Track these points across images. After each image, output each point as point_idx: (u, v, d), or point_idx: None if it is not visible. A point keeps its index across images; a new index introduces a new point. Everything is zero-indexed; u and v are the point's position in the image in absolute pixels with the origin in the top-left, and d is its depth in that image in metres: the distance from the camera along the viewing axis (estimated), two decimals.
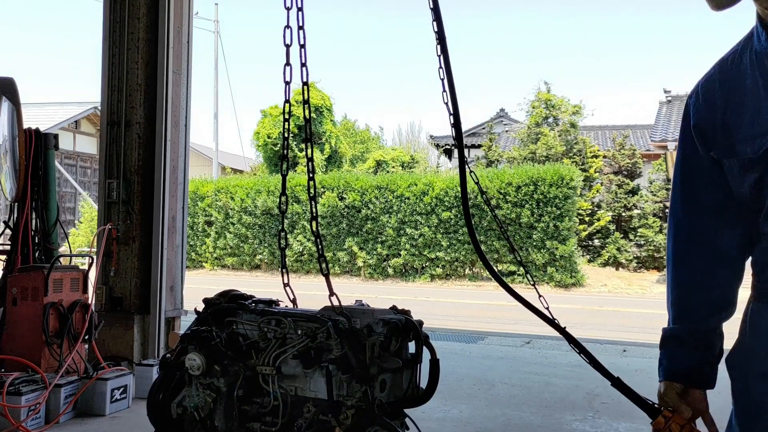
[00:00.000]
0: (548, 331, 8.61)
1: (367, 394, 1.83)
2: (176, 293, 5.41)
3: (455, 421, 4.23)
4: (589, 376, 5.74)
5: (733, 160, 1.31)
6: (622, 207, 19.77)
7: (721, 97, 1.33)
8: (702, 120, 1.38)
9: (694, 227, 1.47)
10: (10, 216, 4.69)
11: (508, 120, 30.71)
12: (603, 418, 4.39)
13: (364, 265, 17.50)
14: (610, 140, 23.53)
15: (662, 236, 18.80)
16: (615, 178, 20.27)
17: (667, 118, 18.45)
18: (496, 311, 11.94)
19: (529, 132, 21.61)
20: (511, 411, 4.52)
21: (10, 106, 4.50)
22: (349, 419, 1.83)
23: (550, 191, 15.83)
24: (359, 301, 2.11)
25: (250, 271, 18.81)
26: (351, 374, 1.83)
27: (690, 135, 1.42)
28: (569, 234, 15.96)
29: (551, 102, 21.62)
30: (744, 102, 1.28)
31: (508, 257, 16.35)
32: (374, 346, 1.86)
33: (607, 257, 19.13)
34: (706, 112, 1.37)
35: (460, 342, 7.54)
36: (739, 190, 1.33)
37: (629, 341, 8.27)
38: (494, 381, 5.42)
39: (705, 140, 1.38)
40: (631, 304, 13.34)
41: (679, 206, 1.50)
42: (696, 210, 1.46)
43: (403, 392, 1.97)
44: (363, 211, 17.45)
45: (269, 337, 1.98)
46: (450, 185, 16.77)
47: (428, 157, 31.64)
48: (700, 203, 1.44)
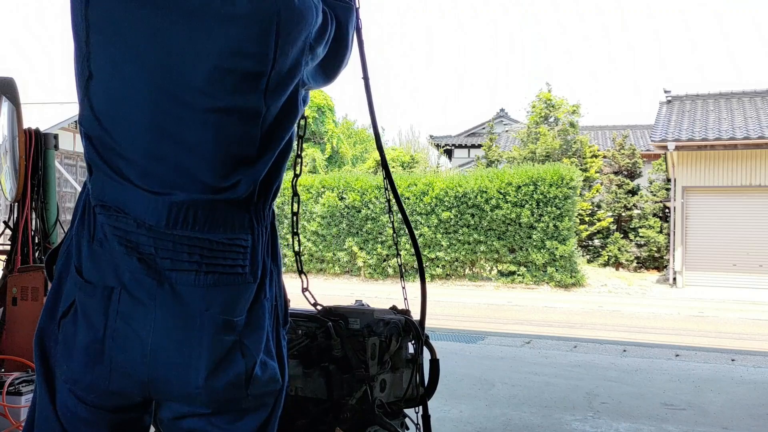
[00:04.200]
0: (548, 331, 8.64)
1: (367, 394, 1.83)
2: None
3: (455, 421, 4.23)
4: (589, 376, 5.74)
5: None
6: (622, 207, 19.77)
7: None
8: None
9: None
10: (10, 216, 4.68)
11: (508, 120, 30.71)
12: (603, 418, 4.39)
13: (364, 265, 17.50)
14: (610, 140, 23.52)
15: (662, 236, 18.79)
16: (615, 178, 20.26)
17: (667, 118, 18.42)
18: (496, 311, 11.94)
19: (529, 132, 21.61)
20: (511, 411, 4.52)
21: (10, 106, 4.49)
22: (349, 419, 1.83)
23: (550, 191, 15.82)
24: (359, 301, 2.12)
25: None
26: (351, 374, 1.83)
27: None
28: (569, 234, 15.95)
29: (551, 102, 21.63)
30: None
31: (508, 257, 16.35)
32: (374, 346, 1.86)
33: (607, 257, 19.12)
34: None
35: (460, 342, 7.54)
36: None
37: (629, 341, 8.27)
38: (494, 381, 5.42)
39: None
40: (631, 304, 13.34)
41: None
42: None
43: (403, 392, 1.97)
44: (363, 211, 17.45)
45: None
46: (450, 185, 16.76)
47: (428, 158, 31.63)
48: None
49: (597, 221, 19.62)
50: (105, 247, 1.20)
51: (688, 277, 16.75)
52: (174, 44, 1.16)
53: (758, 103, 18.17)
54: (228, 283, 1.21)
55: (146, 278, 1.17)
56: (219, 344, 1.19)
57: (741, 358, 6.79)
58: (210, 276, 1.20)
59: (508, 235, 16.28)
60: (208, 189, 1.21)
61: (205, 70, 1.17)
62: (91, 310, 1.19)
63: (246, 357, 1.22)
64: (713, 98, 19.21)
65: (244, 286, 1.24)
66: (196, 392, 1.20)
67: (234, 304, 1.22)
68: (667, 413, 4.55)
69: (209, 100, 1.18)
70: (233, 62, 1.17)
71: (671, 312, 12.18)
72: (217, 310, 1.20)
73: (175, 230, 1.19)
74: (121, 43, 1.17)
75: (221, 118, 1.19)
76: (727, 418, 4.47)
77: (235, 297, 1.22)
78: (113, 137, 1.21)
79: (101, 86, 1.20)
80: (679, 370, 6.09)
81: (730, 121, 17.32)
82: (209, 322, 1.19)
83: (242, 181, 1.24)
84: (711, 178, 17.16)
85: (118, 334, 1.17)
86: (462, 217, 16.58)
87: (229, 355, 1.20)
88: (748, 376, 5.81)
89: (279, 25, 1.20)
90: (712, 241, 16.81)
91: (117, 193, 1.21)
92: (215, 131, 1.19)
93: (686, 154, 17.17)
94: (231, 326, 1.21)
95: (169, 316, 1.18)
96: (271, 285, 1.31)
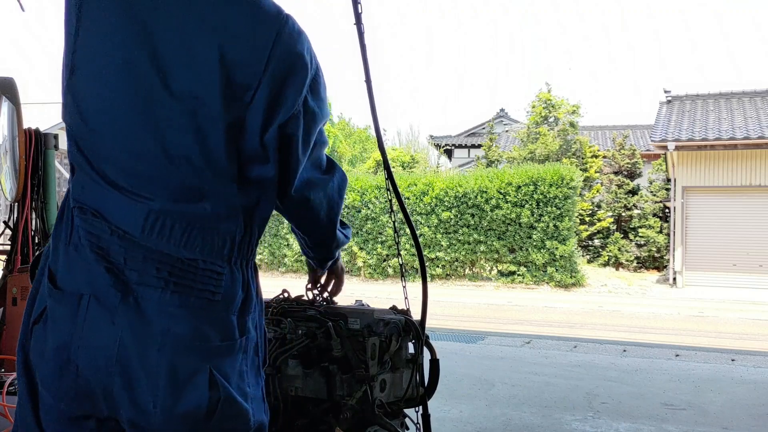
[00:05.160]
0: (548, 331, 8.62)
1: (367, 394, 1.83)
2: None
3: (455, 421, 4.23)
4: (589, 376, 5.74)
5: None
6: (622, 207, 19.77)
7: None
8: None
9: None
10: (10, 216, 4.68)
11: (508, 120, 30.72)
12: (603, 418, 4.39)
13: (364, 265, 17.50)
14: (610, 140, 23.53)
15: (662, 236, 18.79)
16: (615, 178, 20.26)
17: (667, 118, 18.42)
18: (496, 311, 11.94)
19: (529, 132, 21.62)
20: (511, 411, 4.52)
21: (10, 106, 4.49)
22: (349, 419, 1.82)
23: (550, 191, 15.82)
24: (359, 301, 2.11)
25: None
26: (351, 374, 1.83)
27: None
28: (569, 234, 15.95)
29: (551, 102, 21.63)
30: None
31: (508, 257, 16.35)
32: (374, 346, 1.86)
33: (607, 257, 19.13)
34: None
35: (460, 342, 7.54)
36: None
37: (629, 341, 8.27)
38: (494, 381, 5.42)
39: None
40: (631, 304, 13.34)
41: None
42: None
43: (403, 392, 1.97)
44: (363, 211, 17.46)
45: (269, 337, 1.98)
46: (450, 185, 16.76)
47: (428, 158, 31.64)
48: None
49: (597, 221, 19.62)
50: (80, 251, 1.16)
51: (688, 277, 16.75)
52: (163, 44, 1.14)
53: (758, 103, 18.17)
54: (195, 307, 1.15)
55: (111, 289, 1.13)
56: (181, 368, 1.12)
57: (741, 358, 6.79)
58: (176, 296, 1.13)
59: (508, 235, 16.28)
60: (186, 199, 1.16)
61: (194, 73, 1.14)
62: (60, 316, 1.16)
63: (212, 388, 1.14)
64: (713, 98, 19.21)
65: (214, 314, 1.16)
66: (151, 415, 1.13)
67: (201, 329, 1.14)
68: (667, 413, 4.55)
69: (193, 103, 1.14)
70: (222, 68, 1.14)
71: (671, 312, 12.18)
72: (182, 332, 1.13)
73: (150, 241, 1.14)
74: (109, 39, 1.15)
75: (204, 124, 1.15)
76: (727, 418, 4.47)
77: (203, 322, 1.15)
78: (96, 134, 1.18)
79: (86, 82, 1.18)
80: (679, 370, 6.09)
81: (730, 121, 17.32)
82: (171, 344, 1.12)
83: (221, 199, 1.18)
84: (711, 178, 17.16)
85: (84, 342, 1.13)
86: (462, 217, 16.58)
87: (192, 382, 1.13)
88: (748, 376, 5.81)
89: (276, 44, 1.17)
90: (712, 241, 16.81)
91: (96, 196, 1.18)
92: (196, 137, 1.15)
93: (686, 154, 17.17)
94: (196, 352, 1.14)
95: (132, 331, 1.12)
96: (252, 322, 1.24)
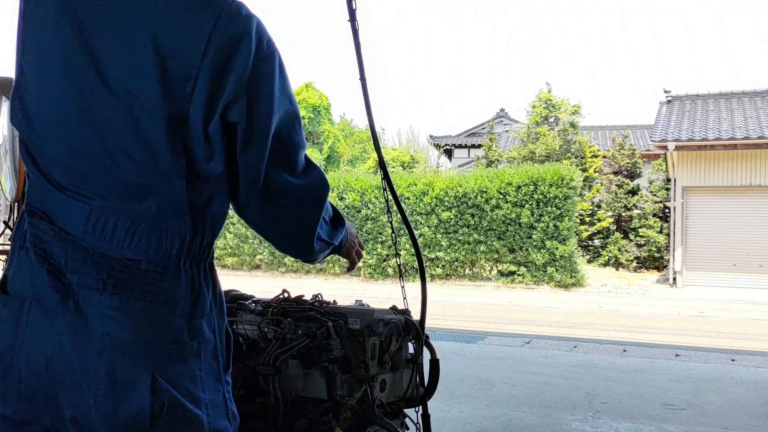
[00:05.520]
0: (548, 331, 8.62)
1: (367, 394, 1.83)
2: None
3: (455, 421, 4.23)
4: (589, 376, 5.74)
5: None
6: (622, 207, 19.77)
7: None
8: None
9: None
10: (10, 216, 4.68)
11: (508, 120, 30.74)
12: (603, 418, 4.39)
13: (364, 265, 17.50)
14: (610, 140, 23.54)
15: (662, 236, 18.79)
16: (615, 178, 20.27)
17: (667, 118, 18.42)
18: (496, 311, 11.94)
19: (529, 132, 21.62)
20: (511, 411, 4.52)
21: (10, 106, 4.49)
22: (349, 419, 1.82)
23: (550, 191, 15.82)
24: (359, 301, 2.11)
25: (250, 271, 18.82)
26: (351, 374, 1.83)
27: None
28: (569, 234, 15.96)
29: (551, 102, 21.64)
30: None
31: (508, 257, 16.36)
32: (374, 346, 1.86)
33: (607, 257, 19.13)
34: None
35: (460, 342, 7.54)
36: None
37: (629, 341, 8.27)
38: (494, 381, 5.42)
39: None
40: (631, 304, 13.34)
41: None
42: None
43: (403, 392, 1.97)
44: (363, 211, 17.46)
45: (269, 338, 1.98)
46: (450, 185, 16.77)
47: (428, 158, 31.67)
48: None
49: (597, 221, 19.62)
50: (28, 255, 1.16)
51: (688, 277, 16.75)
52: (98, 39, 1.12)
53: (758, 103, 18.17)
54: (137, 309, 1.12)
55: (51, 291, 1.11)
56: (122, 373, 1.10)
57: (741, 358, 6.79)
58: (116, 298, 1.11)
59: (508, 235, 16.29)
60: (129, 198, 1.14)
61: (129, 67, 1.11)
62: (4, 319, 1.14)
63: (155, 393, 1.11)
64: (713, 98, 19.21)
65: (158, 316, 1.13)
66: (94, 420, 1.10)
67: (143, 332, 1.12)
68: (667, 413, 4.55)
69: (130, 98, 1.11)
70: (157, 60, 1.11)
71: (671, 312, 12.18)
72: (122, 336, 1.10)
73: (91, 241, 1.12)
74: (49, 39, 1.14)
75: (143, 119, 1.12)
76: (727, 418, 4.47)
77: (145, 325, 1.12)
78: (41, 136, 1.17)
79: (32, 84, 1.17)
80: (679, 370, 6.09)
81: (730, 121, 17.32)
82: (110, 348, 1.09)
83: (167, 197, 1.15)
84: (711, 178, 17.17)
85: (25, 346, 1.12)
86: (462, 217, 16.58)
87: (133, 387, 1.10)
88: (748, 376, 5.81)
89: (215, 30, 1.12)
90: (712, 241, 16.82)
91: (43, 198, 1.17)
92: (136, 133, 1.12)
93: (686, 154, 17.17)
94: (138, 356, 1.11)
95: (71, 335, 1.10)
96: (207, 325, 1.20)
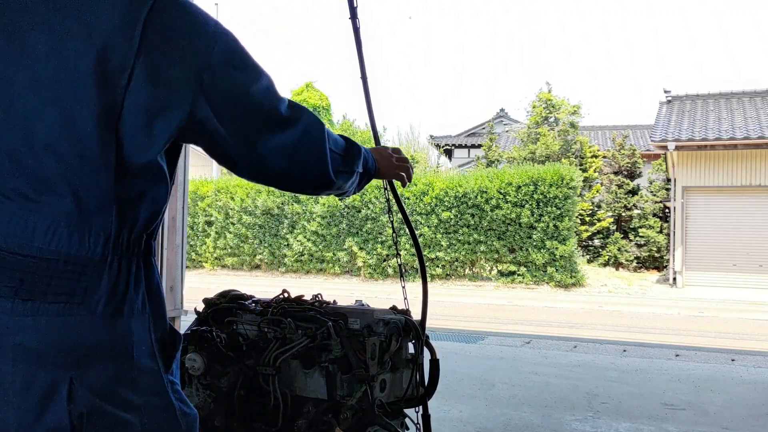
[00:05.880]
0: (548, 331, 8.61)
1: (367, 394, 1.83)
2: (176, 293, 5.41)
3: (455, 421, 4.23)
4: (589, 376, 5.74)
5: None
6: (622, 207, 19.78)
7: None
8: None
9: None
10: None
11: (508, 120, 30.74)
12: (603, 418, 4.39)
13: (364, 265, 17.50)
14: (610, 140, 23.54)
15: (662, 236, 18.79)
16: (615, 178, 20.27)
17: (667, 118, 18.42)
18: (496, 311, 11.94)
19: (529, 132, 21.63)
20: (511, 411, 4.52)
21: None
22: (349, 419, 1.83)
23: (550, 191, 15.83)
24: (359, 301, 2.12)
25: (250, 271, 18.82)
26: (351, 374, 1.83)
27: None
28: (569, 234, 15.96)
29: (551, 102, 21.64)
30: None
31: (508, 257, 16.36)
32: (374, 346, 1.86)
33: (607, 257, 19.13)
34: None
35: (460, 342, 7.54)
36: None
37: (629, 341, 8.27)
38: (494, 381, 5.42)
39: None
40: (631, 304, 13.34)
41: None
42: None
43: (403, 392, 1.97)
44: (363, 211, 17.46)
45: (269, 338, 1.98)
46: (450, 185, 16.77)
47: (428, 157, 31.64)
48: None
49: (597, 221, 19.63)
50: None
51: (688, 277, 16.76)
52: (32, 33, 1.05)
53: (758, 103, 18.17)
54: (50, 313, 1.04)
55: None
56: (36, 383, 1.02)
57: (741, 358, 6.79)
58: (29, 303, 1.03)
59: (508, 235, 16.29)
60: (49, 194, 1.05)
61: (62, 58, 1.05)
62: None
63: (73, 403, 1.03)
64: (713, 98, 19.21)
65: (74, 318, 1.05)
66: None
67: (56, 337, 1.04)
68: (667, 413, 4.55)
69: (58, 89, 1.05)
70: (90, 51, 1.04)
71: (671, 312, 12.18)
72: (34, 343, 1.02)
73: (10, 244, 1.04)
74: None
75: (72, 111, 1.05)
76: (727, 418, 4.47)
77: (59, 330, 1.04)
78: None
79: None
80: (679, 370, 6.09)
81: (730, 121, 17.32)
82: (22, 357, 1.02)
83: (91, 192, 1.07)
84: (711, 178, 17.17)
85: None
86: (462, 217, 16.58)
87: (50, 399, 1.02)
88: (748, 376, 5.81)
89: (150, 18, 1.06)
90: (712, 241, 16.82)
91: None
92: (63, 125, 1.05)
93: (686, 154, 17.17)
94: (53, 363, 1.03)
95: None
96: (140, 326, 1.12)
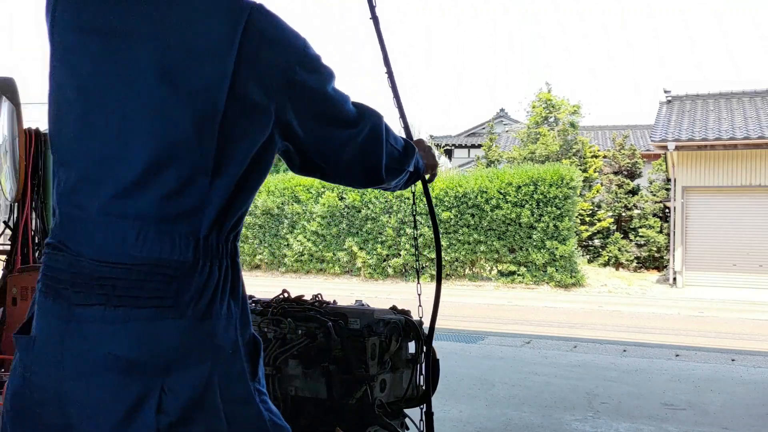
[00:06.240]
0: (548, 331, 8.62)
1: (367, 394, 1.83)
2: None
3: (455, 421, 4.23)
4: (589, 376, 5.74)
5: None
6: (622, 207, 19.77)
7: None
8: None
9: None
10: (10, 216, 4.68)
11: (508, 120, 30.72)
12: (603, 418, 4.39)
13: (364, 265, 17.49)
14: (610, 140, 23.52)
15: (662, 236, 18.78)
16: (615, 178, 20.26)
17: (667, 118, 18.41)
18: (496, 311, 11.94)
19: (529, 132, 21.62)
20: (511, 411, 4.52)
21: (10, 106, 4.49)
22: (349, 419, 1.83)
23: (550, 191, 15.82)
24: (359, 301, 2.12)
25: (250, 271, 18.81)
26: (351, 374, 1.83)
27: None
28: (569, 234, 15.95)
29: (551, 102, 21.64)
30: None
31: (508, 257, 16.35)
32: (374, 346, 1.86)
33: (607, 257, 19.12)
34: None
35: (460, 342, 7.54)
36: None
37: (629, 341, 8.27)
38: (494, 381, 5.42)
39: None
40: (631, 304, 13.34)
41: None
42: None
43: (403, 392, 1.97)
44: (363, 211, 17.45)
45: (269, 337, 1.98)
46: (450, 185, 16.76)
47: None
48: None
49: (597, 221, 19.62)
50: (40, 288, 1.10)
51: (688, 277, 16.75)
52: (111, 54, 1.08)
53: (758, 103, 18.17)
54: (141, 318, 1.02)
55: (56, 320, 1.05)
56: (123, 394, 1.01)
57: (741, 358, 6.79)
58: (120, 310, 1.01)
59: (508, 235, 16.28)
60: (136, 197, 1.05)
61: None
62: (17, 362, 1.11)
63: (162, 412, 1.01)
64: (713, 98, 19.21)
65: (165, 322, 1.03)
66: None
67: (148, 344, 1.02)
68: (667, 413, 4.55)
69: (148, 100, 1.06)
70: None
71: (671, 312, 12.18)
72: (124, 351, 1.01)
73: (103, 254, 1.04)
74: (65, 66, 1.11)
75: (163, 105, 1.06)
76: (727, 418, 4.47)
77: (150, 335, 1.03)
78: (65, 161, 1.11)
79: (50, 105, 1.15)
80: (679, 370, 6.09)
81: (730, 121, 17.32)
82: (113, 365, 1.01)
83: (185, 195, 1.06)
84: (711, 178, 17.16)
85: (34, 386, 1.07)
86: (462, 217, 16.58)
87: (138, 408, 1.01)
88: (748, 376, 5.81)
89: (245, 30, 1.07)
90: (712, 241, 16.81)
91: (65, 225, 1.10)
92: (153, 119, 1.05)
93: (686, 154, 17.17)
94: (143, 371, 1.02)
95: (76, 360, 1.03)
96: (228, 330, 1.10)
